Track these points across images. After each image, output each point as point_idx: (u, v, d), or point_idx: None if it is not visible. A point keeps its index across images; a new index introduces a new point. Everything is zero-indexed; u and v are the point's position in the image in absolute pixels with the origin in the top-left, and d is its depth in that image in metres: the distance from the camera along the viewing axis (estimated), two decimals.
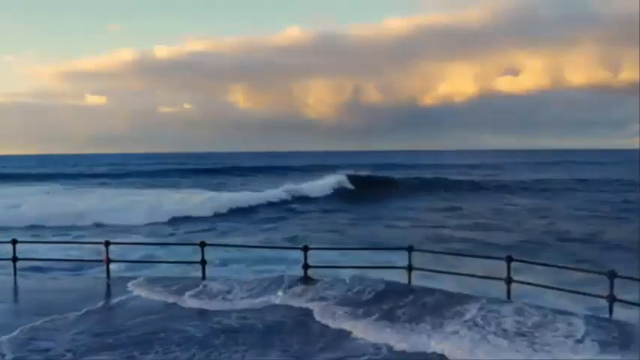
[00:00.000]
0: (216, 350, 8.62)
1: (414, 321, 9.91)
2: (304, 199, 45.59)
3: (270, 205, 42.09)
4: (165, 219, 33.68)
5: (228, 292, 12.13)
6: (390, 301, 11.11)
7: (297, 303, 11.25)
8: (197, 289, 12.33)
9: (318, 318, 10.28)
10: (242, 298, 11.64)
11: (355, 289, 12.08)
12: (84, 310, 10.72)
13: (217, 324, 9.98)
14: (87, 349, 8.66)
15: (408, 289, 12.17)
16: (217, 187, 55.61)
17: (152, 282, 13.07)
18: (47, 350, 8.67)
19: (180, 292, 12.07)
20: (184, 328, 9.66)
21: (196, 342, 8.99)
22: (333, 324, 9.94)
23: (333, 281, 13.00)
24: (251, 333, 9.53)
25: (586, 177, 67.27)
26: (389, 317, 10.18)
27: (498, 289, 11.66)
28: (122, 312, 10.87)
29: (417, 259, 12.96)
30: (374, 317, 10.19)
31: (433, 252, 14.56)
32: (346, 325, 9.77)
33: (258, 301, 11.40)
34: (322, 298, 11.46)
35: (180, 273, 14.81)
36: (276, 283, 12.59)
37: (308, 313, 10.61)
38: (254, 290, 12.09)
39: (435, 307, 10.70)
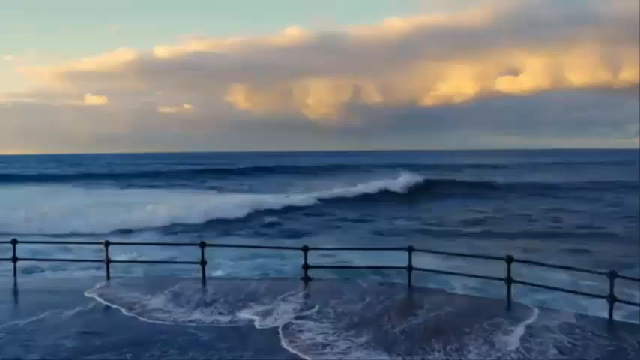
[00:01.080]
0: None
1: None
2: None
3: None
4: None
5: (209, 303, 11.12)
6: (390, 314, 10.22)
7: (277, 320, 9.91)
8: (178, 296, 11.71)
9: (285, 347, 8.64)
10: (221, 313, 10.42)
11: (353, 294, 11.61)
12: (76, 310, 10.70)
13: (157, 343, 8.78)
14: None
15: (412, 292, 12.11)
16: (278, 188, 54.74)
17: (127, 285, 12.85)
18: (25, 351, 8.50)
19: (149, 299, 11.47)
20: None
21: None
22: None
23: (332, 282, 12.99)
24: None
25: None
26: (387, 342, 8.68)
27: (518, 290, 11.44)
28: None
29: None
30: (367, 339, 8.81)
31: (433, 252, 14.53)
32: None
33: (229, 319, 10.04)
34: (309, 314, 10.21)
35: (181, 273, 14.81)
36: (272, 288, 12.19)
37: (277, 338, 9.01)
38: (239, 303, 11.07)
39: (457, 321, 9.73)
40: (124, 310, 10.69)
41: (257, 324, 9.76)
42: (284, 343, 8.73)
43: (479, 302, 11.46)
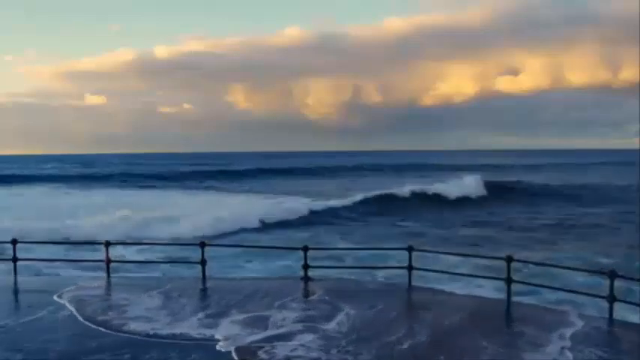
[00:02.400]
0: None
1: None
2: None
3: None
4: None
5: (201, 308, 10.50)
6: (393, 322, 9.53)
7: (245, 338, 8.78)
8: (168, 299, 11.21)
9: None
10: (207, 326, 9.43)
11: (352, 296, 11.17)
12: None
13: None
14: None
15: (413, 293, 12.01)
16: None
17: (122, 286, 12.70)
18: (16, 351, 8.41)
19: (136, 302, 11.06)
20: None
21: None
22: None
23: (332, 283, 12.95)
24: None
25: None
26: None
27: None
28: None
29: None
30: None
31: (433, 252, 14.52)
32: None
33: (213, 335, 8.97)
34: (305, 326, 9.24)
35: (182, 273, 14.81)
36: (272, 290, 11.86)
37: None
38: (229, 310, 10.37)
39: (466, 330, 9.05)
40: (79, 318, 10.12)
41: (236, 340, 8.69)
42: None
43: (480, 303, 11.35)
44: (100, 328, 9.49)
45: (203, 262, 13.36)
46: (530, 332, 9.00)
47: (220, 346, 8.46)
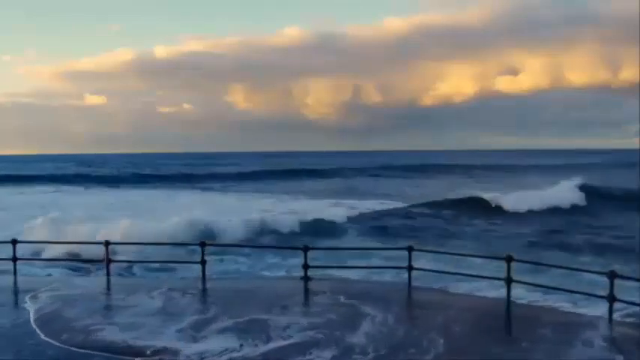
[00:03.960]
0: None
1: None
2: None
3: None
4: None
5: (198, 312, 10.00)
6: (397, 328, 9.16)
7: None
8: (162, 302, 10.84)
9: None
10: (193, 338, 8.62)
11: (352, 297, 10.89)
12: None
13: None
14: None
15: (413, 293, 11.97)
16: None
17: (120, 285, 12.63)
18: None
19: (106, 312, 10.68)
20: None
21: None
22: None
23: (332, 283, 12.92)
24: None
25: None
26: None
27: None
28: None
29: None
30: None
31: (433, 252, 14.51)
32: None
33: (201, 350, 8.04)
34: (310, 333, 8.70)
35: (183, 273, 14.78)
36: (271, 291, 11.74)
37: None
38: (224, 316, 9.78)
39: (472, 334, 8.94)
40: (33, 325, 9.61)
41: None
42: None
43: (482, 303, 11.35)
44: (49, 339, 8.80)
45: (203, 262, 13.35)
46: (548, 334, 8.99)
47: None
